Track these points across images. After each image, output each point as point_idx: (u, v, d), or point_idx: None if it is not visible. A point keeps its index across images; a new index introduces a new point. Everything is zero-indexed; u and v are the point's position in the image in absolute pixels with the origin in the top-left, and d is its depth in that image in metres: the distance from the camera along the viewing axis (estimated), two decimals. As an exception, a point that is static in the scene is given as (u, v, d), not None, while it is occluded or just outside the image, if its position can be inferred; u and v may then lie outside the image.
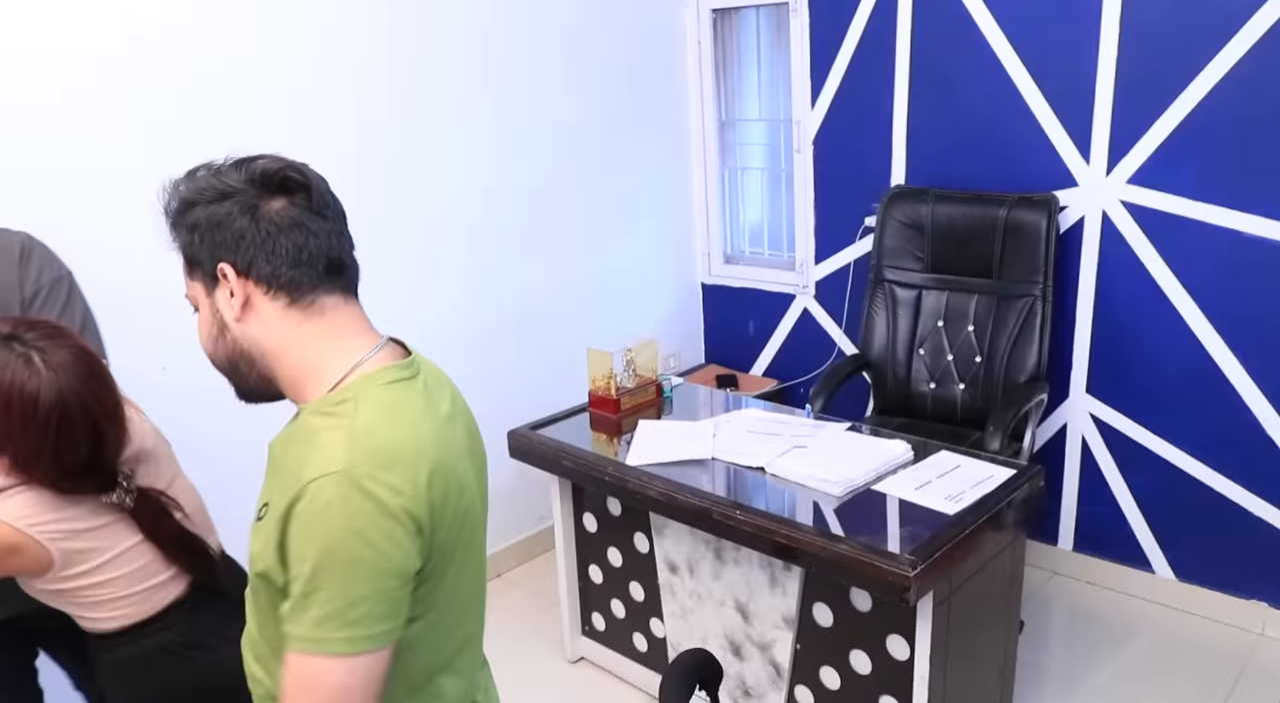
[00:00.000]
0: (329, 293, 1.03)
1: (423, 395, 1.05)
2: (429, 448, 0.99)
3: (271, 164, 1.02)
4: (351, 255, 1.07)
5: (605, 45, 3.40)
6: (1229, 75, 2.53)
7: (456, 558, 1.04)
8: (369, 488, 0.92)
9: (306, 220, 1.01)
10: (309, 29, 2.59)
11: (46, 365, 1.34)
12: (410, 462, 0.96)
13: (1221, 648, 2.73)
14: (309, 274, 1.01)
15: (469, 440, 1.13)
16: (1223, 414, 2.73)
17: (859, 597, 2.04)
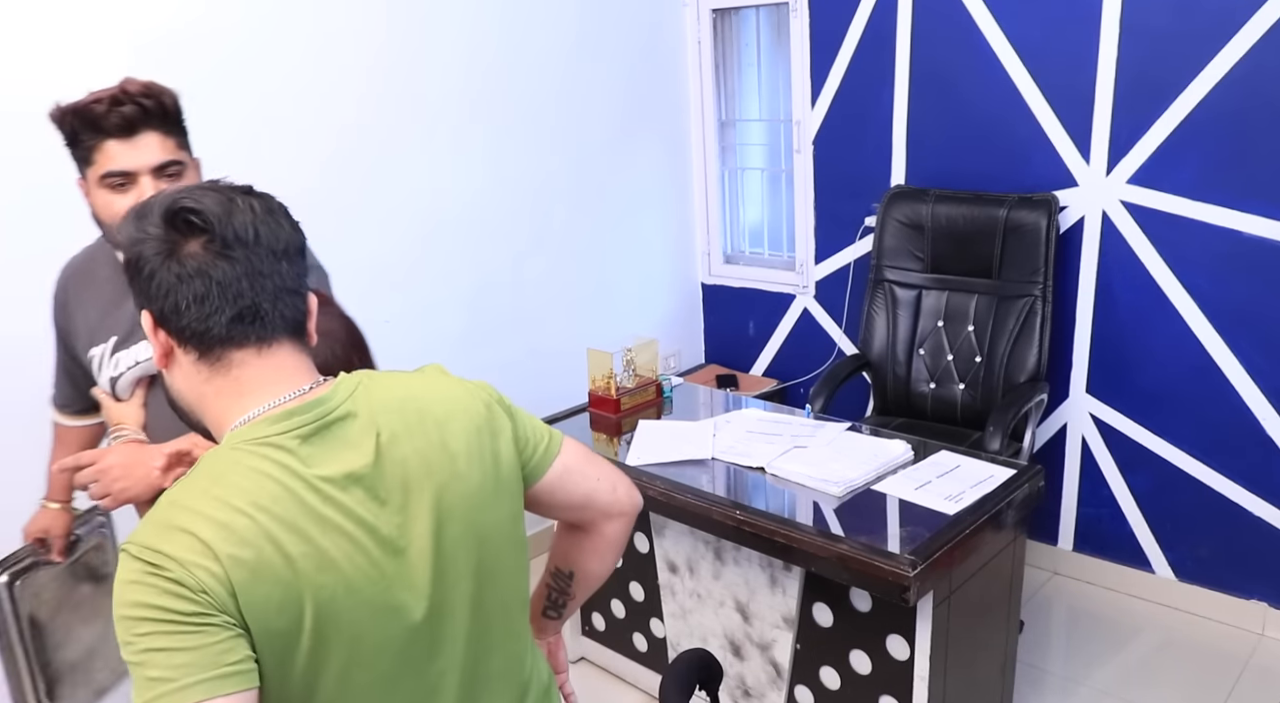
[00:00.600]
0: (238, 347, 0.95)
1: (285, 453, 0.92)
2: (235, 517, 0.87)
3: (180, 201, 0.94)
4: (278, 297, 0.96)
5: (605, 45, 3.40)
6: (1229, 75, 2.53)
7: (299, 654, 0.90)
8: (141, 556, 0.86)
9: (210, 267, 0.93)
10: (310, 31, 2.59)
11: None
12: (197, 531, 0.86)
13: (1221, 648, 2.73)
14: (211, 328, 0.93)
15: (393, 501, 0.97)
16: (1223, 414, 2.73)
17: (859, 597, 2.03)
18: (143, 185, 1.45)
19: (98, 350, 1.56)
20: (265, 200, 0.99)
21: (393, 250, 2.82)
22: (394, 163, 2.84)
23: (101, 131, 1.43)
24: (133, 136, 1.44)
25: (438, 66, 2.92)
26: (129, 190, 1.45)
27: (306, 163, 2.62)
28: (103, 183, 1.45)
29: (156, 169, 1.46)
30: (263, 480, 0.90)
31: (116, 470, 1.44)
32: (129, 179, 1.45)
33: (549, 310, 3.36)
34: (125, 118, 1.43)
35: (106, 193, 1.45)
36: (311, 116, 2.62)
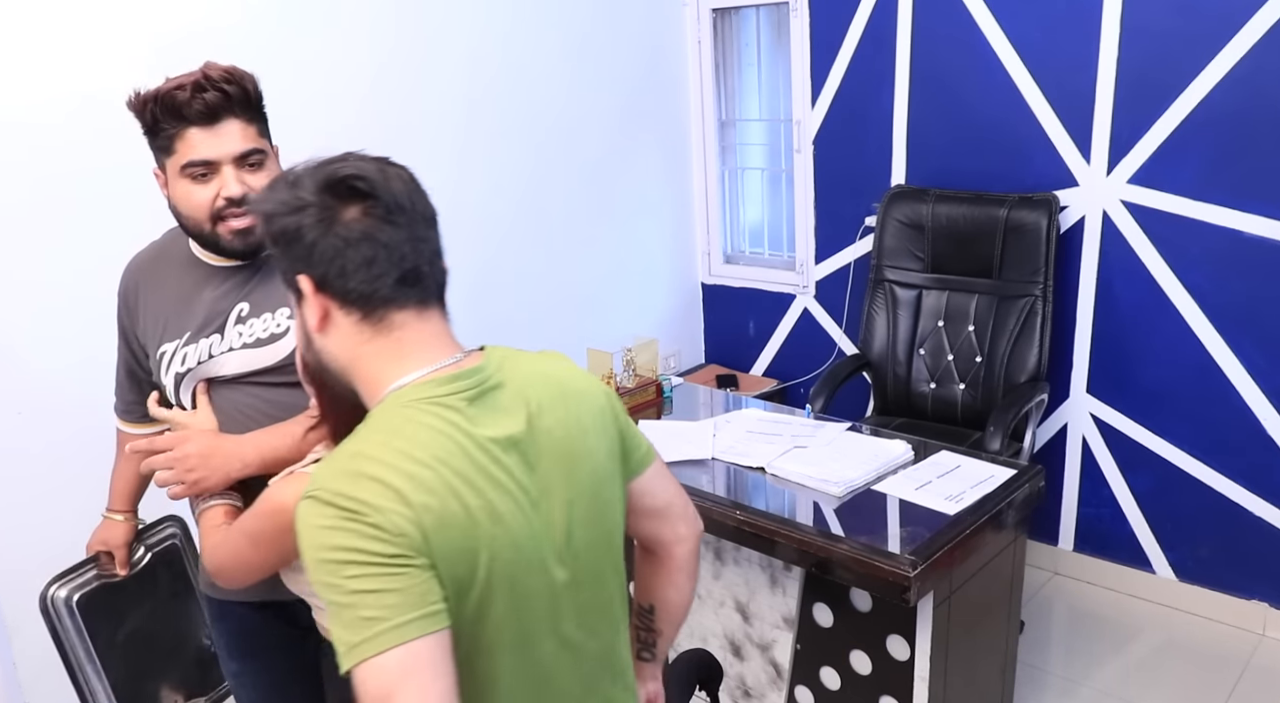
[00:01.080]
0: (400, 308, 1.01)
1: (455, 413, 0.98)
2: (420, 469, 0.93)
3: (341, 169, 0.99)
4: (433, 262, 1.04)
5: (605, 45, 3.39)
6: (1229, 75, 2.53)
7: (467, 599, 0.96)
8: (335, 502, 0.90)
9: (376, 231, 0.98)
10: (316, 35, 2.59)
11: None
12: (388, 480, 0.91)
13: (1222, 648, 2.72)
14: (379, 289, 0.99)
15: (539, 467, 1.02)
16: (1223, 414, 2.72)
17: (859, 597, 2.03)
18: (224, 175, 1.41)
19: (170, 346, 1.51)
20: (408, 170, 1.05)
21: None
22: (394, 163, 2.84)
23: (184, 119, 1.38)
24: (215, 124, 1.40)
25: (438, 67, 2.91)
26: (210, 180, 1.41)
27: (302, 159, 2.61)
28: (184, 173, 1.40)
29: (238, 158, 1.41)
30: (439, 437, 0.96)
31: (193, 459, 1.40)
32: (211, 168, 1.41)
33: (549, 310, 3.36)
34: (208, 105, 1.38)
35: (187, 183, 1.41)
36: (315, 118, 2.61)
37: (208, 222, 1.43)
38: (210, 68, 1.41)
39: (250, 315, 1.49)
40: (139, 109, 1.40)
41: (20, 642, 2.26)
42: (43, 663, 2.29)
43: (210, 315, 1.49)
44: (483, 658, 1.00)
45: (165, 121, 1.39)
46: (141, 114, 1.40)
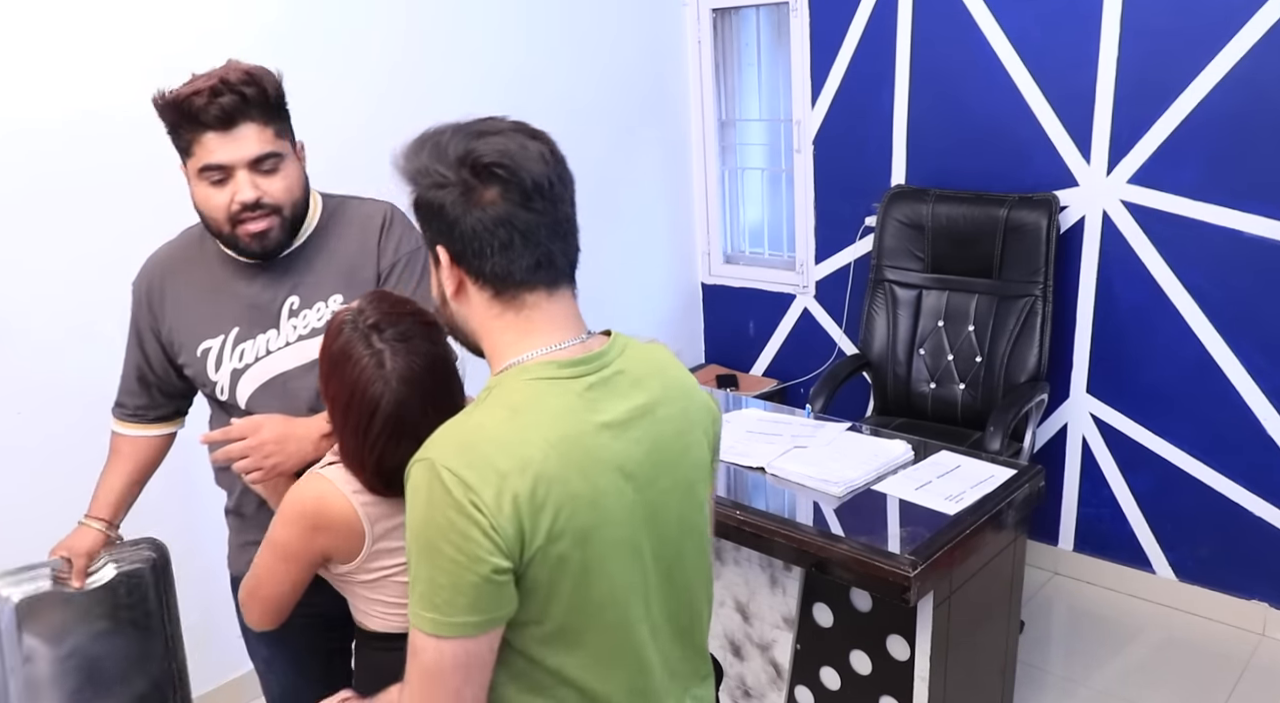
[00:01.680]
0: (531, 290, 1.03)
1: (574, 396, 1.00)
2: (534, 451, 0.95)
3: (483, 154, 0.99)
4: (564, 244, 1.06)
5: (605, 45, 3.39)
6: (1229, 75, 2.53)
7: (569, 578, 0.98)
8: (445, 480, 0.93)
9: (514, 216, 1.00)
10: (318, 36, 2.59)
11: (396, 375, 1.24)
12: (498, 462, 0.94)
13: (1222, 648, 2.72)
14: (513, 273, 1.01)
15: (648, 456, 1.04)
16: (1223, 414, 2.72)
17: (859, 597, 2.03)
18: (239, 180, 1.42)
19: (213, 343, 1.52)
20: (550, 144, 1.06)
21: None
22: (382, 169, 2.84)
23: (200, 124, 1.39)
24: (231, 129, 1.40)
25: (438, 67, 2.91)
26: (226, 184, 1.42)
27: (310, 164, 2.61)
28: (201, 176, 1.42)
29: (253, 162, 1.43)
30: (557, 420, 0.99)
31: (270, 445, 1.40)
32: (226, 173, 1.42)
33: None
34: (224, 110, 1.38)
35: (205, 186, 1.43)
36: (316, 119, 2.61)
37: (226, 224, 1.45)
38: (231, 69, 1.41)
39: (302, 307, 1.51)
40: (160, 111, 1.41)
41: (20, 642, 2.26)
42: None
43: (258, 311, 1.50)
44: (585, 635, 1.03)
45: (182, 126, 1.40)
46: (163, 116, 1.41)
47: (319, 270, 1.53)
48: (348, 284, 1.53)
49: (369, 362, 1.24)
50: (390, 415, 1.23)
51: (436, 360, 1.28)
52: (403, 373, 1.24)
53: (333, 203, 1.61)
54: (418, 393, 1.25)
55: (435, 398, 1.27)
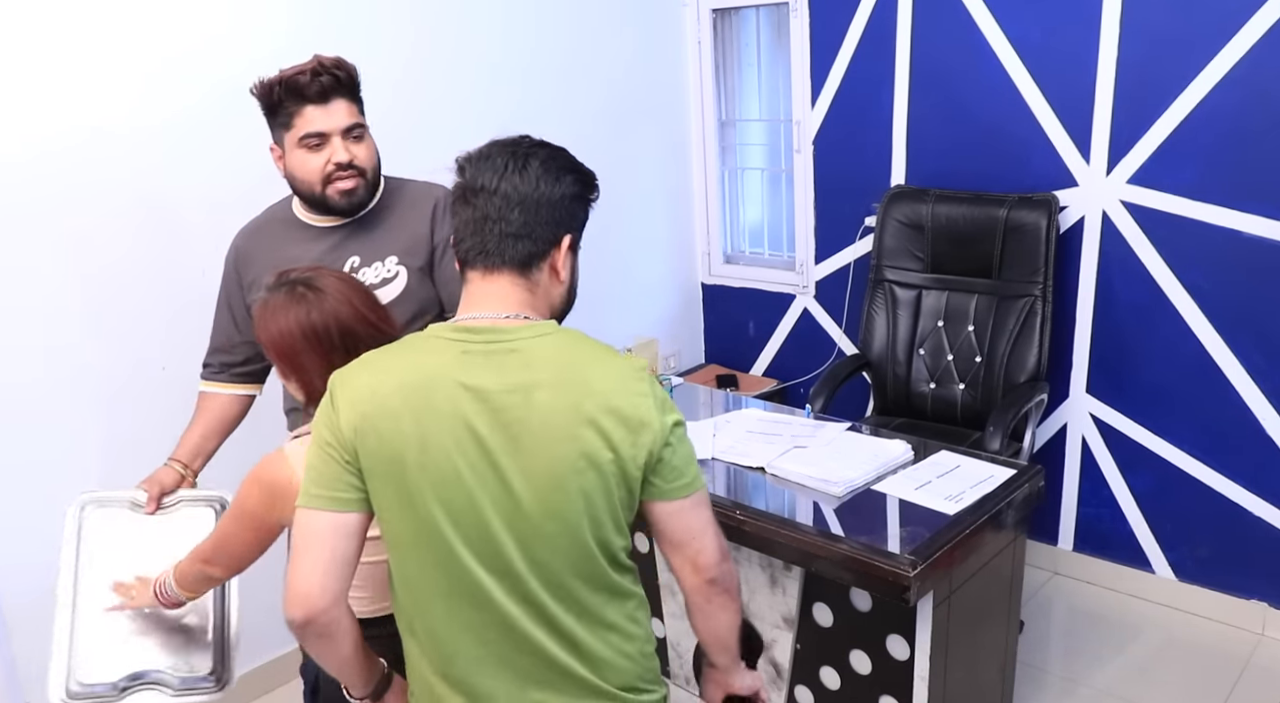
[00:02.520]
0: (471, 269, 1.24)
1: (450, 355, 1.19)
2: (385, 384, 1.19)
3: (460, 159, 1.30)
4: (502, 237, 1.21)
5: (605, 45, 3.40)
6: (1229, 76, 2.53)
7: (387, 500, 1.19)
8: (331, 385, 1.23)
9: (459, 208, 1.25)
10: (315, 35, 2.59)
11: (317, 295, 1.44)
12: (360, 382, 1.20)
13: (1222, 648, 2.73)
14: (461, 254, 1.25)
15: (507, 428, 1.17)
16: (1223, 414, 2.72)
17: (859, 597, 2.03)
18: (334, 145, 1.71)
19: None
20: (533, 158, 1.26)
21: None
22: (391, 164, 2.84)
23: (304, 98, 1.67)
24: (327, 103, 1.69)
25: (438, 67, 2.91)
26: (322, 149, 1.70)
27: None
28: (301, 143, 1.69)
29: (345, 131, 1.71)
30: (418, 368, 1.19)
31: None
32: (323, 139, 1.70)
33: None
34: (323, 86, 1.67)
35: (304, 152, 1.70)
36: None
37: (319, 184, 1.73)
38: (321, 57, 1.69)
39: (362, 265, 1.79)
40: (266, 91, 1.68)
41: (20, 641, 2.26)
42: (43, 663, 2.30)
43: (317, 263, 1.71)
44: (406, 555, 1.22)
45: (288, 101, 1.67)
46: (268, 95, 1.68)
47: (378, 237, 1.80)
48: (404, 250, 1.81)
49: (296, 305, 1.43)
50: (333, 319, 1.43)
51: (348, 277, 1.52)
52: (326, 287, 1.45)
53: (394, 183, 1.89)
54: (346, 302, 1.44)
55: (365, 299, 1.48)
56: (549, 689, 1.23)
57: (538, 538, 1.18)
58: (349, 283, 1.50)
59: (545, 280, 1.26)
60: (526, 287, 1.24)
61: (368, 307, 1.48)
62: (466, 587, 1.20)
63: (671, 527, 1.26)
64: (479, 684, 1.23)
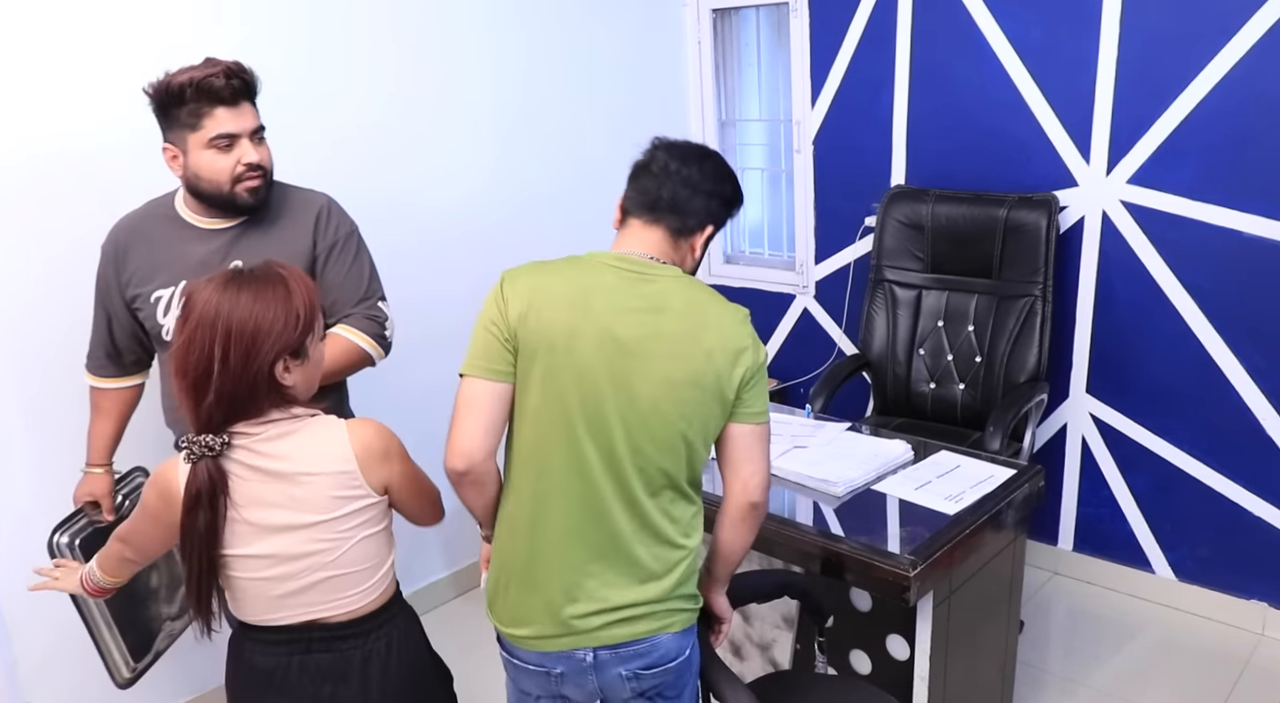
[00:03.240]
0: (635, 217, 1.58)
1: (609, 271, 1.49)
2: (553, 281, 1.48)
3: (661, 141, 1.68)
4: (671, 203, 1.56)
5: (605, 45, 3.39)
6: (1229, 75, 2.53)
7: (532, 374, 1.44)
8: (500, 278, 1.51)
9: (642, 173, 1.62)
10: (314, 34, 2.59)
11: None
12: (531, 276, 1.49)
13: (1222, 648, 2.73)
14: (630, 203, 1.59)
15: (639, 333, 1.44)
16: (1223, 414, 2.72)
17: (859, 596, 2.03)
18: (243, 146, 1.75)
19: (165, 292, 1.82)
20: (708, 159, 1.62)
21: (392, 250, 2.80)
22: (393, 164, 2.84)
23: (217, 100, 1.71)
24: (238, 105, 1.75)
25: (437, 67, 2.91)
26: (231, 150, 1.75)
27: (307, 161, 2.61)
28: (211, 144, 1.73)
29: (252, 132, 1.77)
30: (583, 275, 1.50)
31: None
32: (233, 140, 1.74)
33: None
34: (234, 90, 1.73)
35: (213, 153, 1.74)
36: (308, 119, 2.62)
37: (228, 184, 1.77)
38: (221, 61, 1.73)
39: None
40: (176, 92, 1.69)
41: (20, 642, 2.26)
42: (43, 663, 2.30)
43: (205, 269, 1.75)
44: (521, 423, 1.47)
45: (200, 102, 1.70)
46: (179, 94, 1.69)
47: (261, 239, 1.84)
48: (285, 255, 1.78)
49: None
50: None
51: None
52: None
53: (279, 188, 1.90)
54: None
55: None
56: (608, 565, 1.46)
57: (642, 430, 1.44)
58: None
59: (683, 249, 1.59)
60: (673, 245, 1.57)
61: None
62: (575, 458, 1.44)
63: (738, 447, 1.51)
64: (550, 549, 1.47)
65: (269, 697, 1.49)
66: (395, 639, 1.53)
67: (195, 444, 1.37)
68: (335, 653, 1.48)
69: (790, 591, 1.89)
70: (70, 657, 2.34)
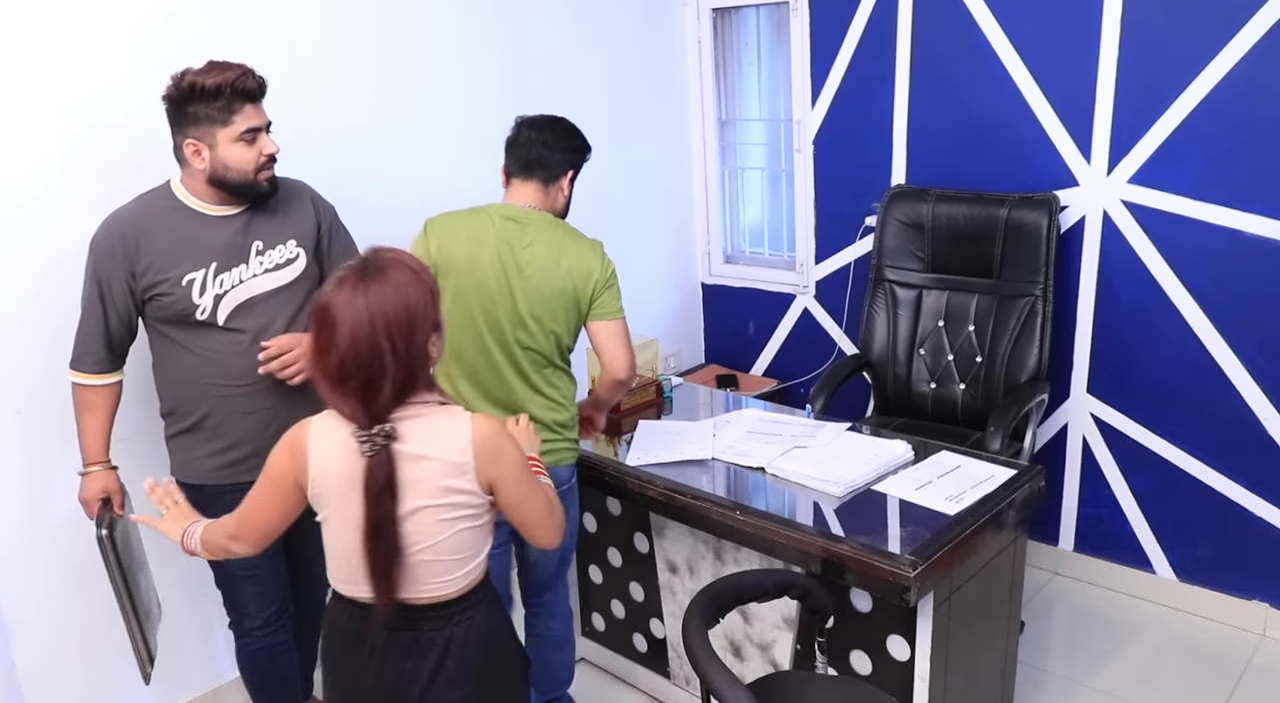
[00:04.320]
0: (514, 177, 2.15)
1: (484, 217, 2.09)
2: (456, 223, 2.10)
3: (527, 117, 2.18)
4: (536, 162, 2.12)
5: (605, 45, 3.39)
6: (1230, 75, 2.53)
7: (447, 293, 2.01)
8: (422, 231, 2.14)
9: (513, 144, 2.14)
10: (311, 30, 2.59)
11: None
12: (436, 229, 2.11)
13: (1223, 649, 2.72)
14: (511, 167, 2.15)
15: (524, 264, 2.05)
16: (1223, 414, 2.72)
17: (859, 597, 2.03)
18: (264, 139, 1.95)
19: (197, 274, 1.95)
20: (557, 124, 2.16)
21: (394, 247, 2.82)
22: (392, 163, 2.84)
23: (247, 97, 1.91)
24: (259, 102, 1.96)
25: (436, 66, 2.91)
26: (255, 143, 1.94)
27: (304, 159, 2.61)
28: (240, 138, 1.91)
29: (268, 127, 1.98)
30: (476, 223, 2.09)
31: (303, 355, 1.96)
32: (257, 134, 1.94)
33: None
34: (259, 87, 1.94)
35: (242, 146, 1.92)
36: (309, 118, 2.61)
37: (254, 172, 1.96)
38: (234, 64, 1.91)
39: (266, 248, 2.03)
40: (212, 90, 1.86)
41: (20, 642, 2.26)
42: (43, 663, 2.30)
43: (232, 250, 1.98)
44: (452, 323, 1.95)
45: (234, 100, 1.89)
46: (214, 93, 1.87)
47: (275, 223, 2.05)
48: (300, 235, 2.09)
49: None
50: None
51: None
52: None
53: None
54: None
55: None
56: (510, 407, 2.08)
57: (525, 331, 2.06)
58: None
59: (554, 193, 2.15)
60: (544, 192, 2.13)
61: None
62: (483, 351, 2.06)
63: (599, 339, 2.12)
64: (478, 389, 2.10)
65: (350, 665, 1.53)
66: (477, 624, 1.54)
67: (374, 438, 1.40)
68: (419, 633, 1.50)
69: (790, 591, 1.88)
70: (70, 657, 2.34)
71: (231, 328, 1.99)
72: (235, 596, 2.15)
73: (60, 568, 2.27)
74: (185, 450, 2.06)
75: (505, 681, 1.61)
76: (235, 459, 2.04)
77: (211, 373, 1.99)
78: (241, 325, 1.99)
